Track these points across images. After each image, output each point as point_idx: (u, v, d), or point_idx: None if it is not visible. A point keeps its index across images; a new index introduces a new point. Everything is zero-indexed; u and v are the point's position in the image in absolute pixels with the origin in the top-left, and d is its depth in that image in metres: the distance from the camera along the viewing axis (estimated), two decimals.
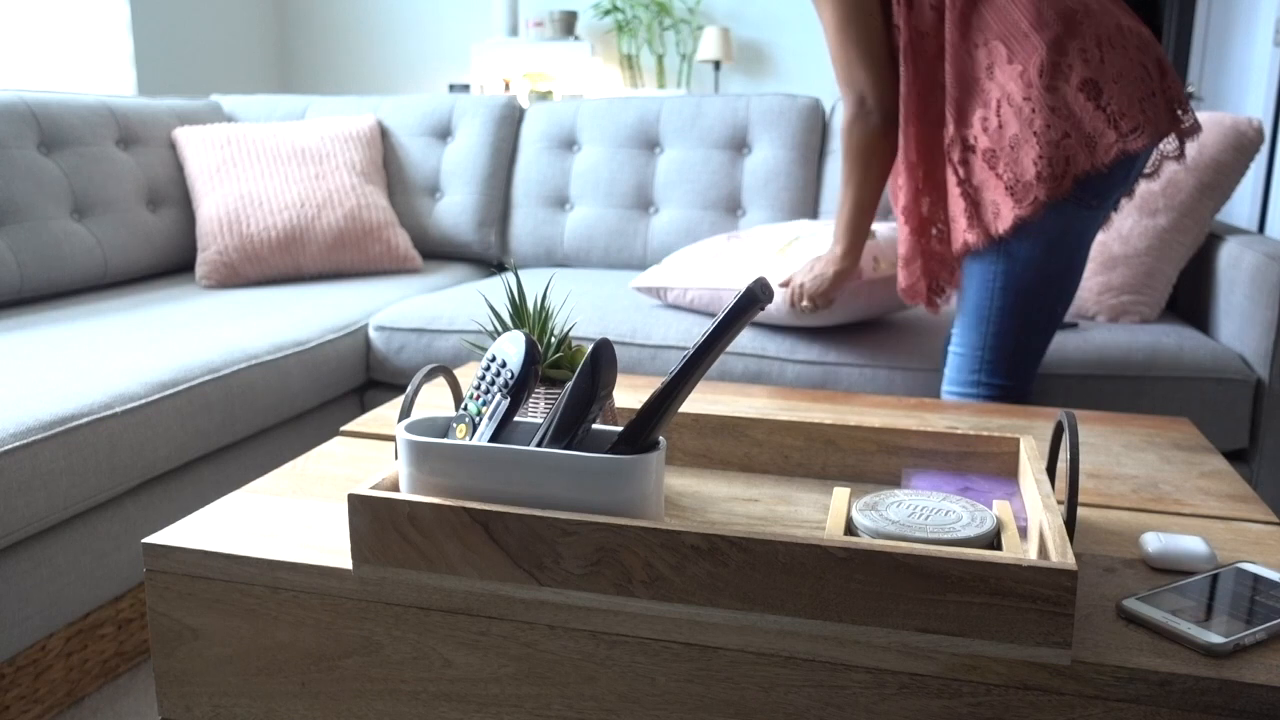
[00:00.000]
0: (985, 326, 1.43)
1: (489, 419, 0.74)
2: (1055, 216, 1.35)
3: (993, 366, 1.44)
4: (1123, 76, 1.32)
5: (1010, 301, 1.40)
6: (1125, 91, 1.32)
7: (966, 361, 1.47)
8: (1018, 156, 1.34)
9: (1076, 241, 1.39)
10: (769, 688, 0.69)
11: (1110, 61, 1.32)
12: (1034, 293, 1.40)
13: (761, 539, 0.66)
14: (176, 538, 0.81)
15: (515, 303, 0.91)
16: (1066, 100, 1.32)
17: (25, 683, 1.32)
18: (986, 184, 1.37)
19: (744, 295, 0.67)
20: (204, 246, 2.23)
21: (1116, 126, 1.31)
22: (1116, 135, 1.31)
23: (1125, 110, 1.31)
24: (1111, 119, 1.31)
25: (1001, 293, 1.40)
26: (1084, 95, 1.32)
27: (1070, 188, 1.33)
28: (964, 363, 1.47)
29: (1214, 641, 0.65)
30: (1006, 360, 1.44)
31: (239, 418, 1.63)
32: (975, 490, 0.88)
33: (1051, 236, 1.37)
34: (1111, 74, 1.32)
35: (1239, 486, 0.99)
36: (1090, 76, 1.31)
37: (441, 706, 0.76)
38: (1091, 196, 1.36)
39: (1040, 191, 1.33)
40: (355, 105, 2.65)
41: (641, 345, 1.85)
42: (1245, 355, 1.76)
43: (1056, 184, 1.33)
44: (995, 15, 1.34)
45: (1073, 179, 1.33)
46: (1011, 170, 1.34)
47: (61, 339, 1.68)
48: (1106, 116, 1.31)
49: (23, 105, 2.09)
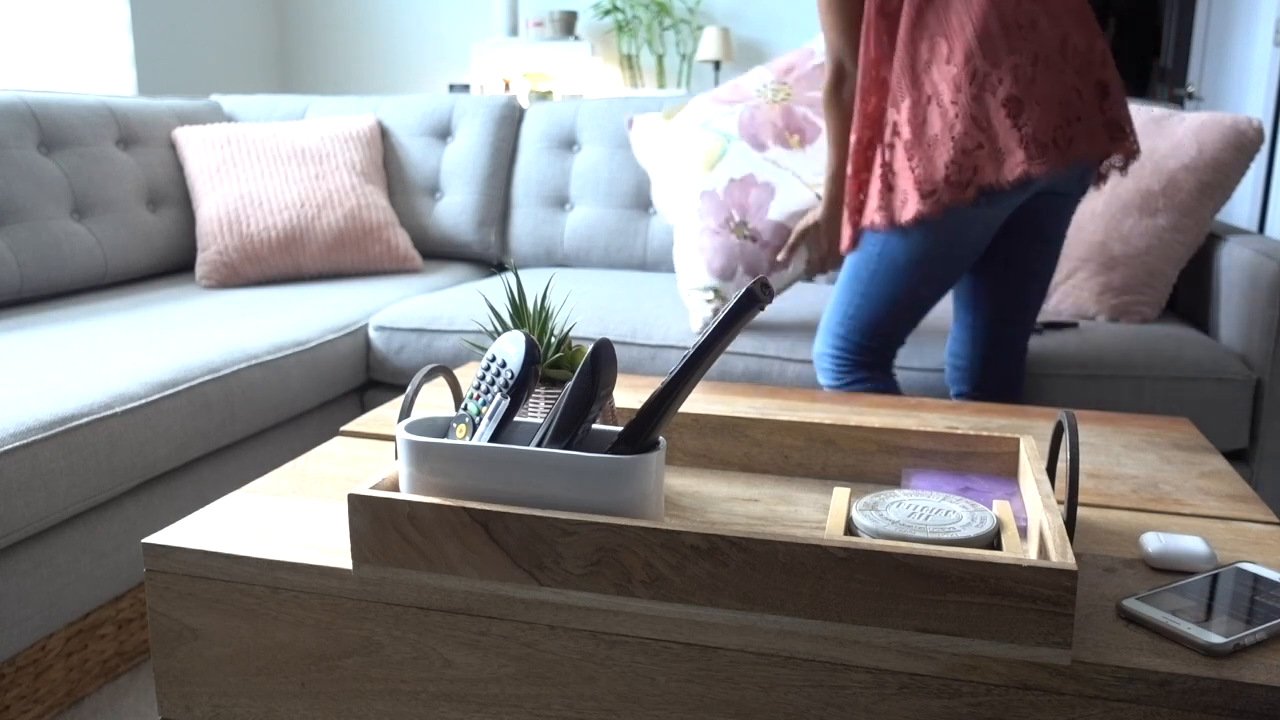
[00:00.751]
0: (858, 286, 1.52)
1: (489, 419, 0.74)
2: (955, 217, 1.41)
3: (858, 324, 1.53)
4: (1048, 100, 1.35)
5: (888, 277, 1.48)
6: (1046, 116, 1.35)
7: (834, 313, 1.56)
8: (932, 155, 1.38)
9: (968, 240, 1.45)
10: (769, 688, 0.69)
11: (1041, 82, 1.35)
12: (912, 277, 1.47)
13: (761, 539, 0.66)
14: (176, 538, 0.81)
15: (515, 303, 0.91)
16: (989, 112, 1.36)
17: (25, 683, 1.32)
18: (901, 173, 1.42)
19: (744, 295, 0.67)
20: (204, 246, 2.23)
21: (1026, 149, 1.35)
22: (1024, 157, 1.35)
23: (1038, 135, 1.35)
24: (1024, 140, 1.35)
25: (884, 268, 1.48)
26: (1005, 111, 1.35)
27: (973, 196, 1.38)
28: (832, 313, 1.56)
29: (1214, 641, 0.65)
30: (868, 324, 1.52)
31: (239, 418, 1.63)
32: (975, 490, 0.88)
33: (946, 234, 1.43)
34: (1037, 95, 1.35)
35: (1239, 486, 0.99)
36: (1016, 94, 1.35)
37: (441, 706, 0.76)
38: (993, 204, 1.40)
39: (945, 194, 1.38)
40: (355, 105, 2.65)
41: (641, 345, 1.85)
42: (1245, 355, 1.76)
43: (961, 190, 1.38)
44: (946, 13, 1.38)
45: (976, 188, 1.38)
46: (924, 167, 1.39)
47: (61, 339, 1.68)
48: (1020, 137, 1.35)
49: (23, 105, 2.09)
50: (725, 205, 1.80)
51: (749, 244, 1.78)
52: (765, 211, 1.78)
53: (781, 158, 1.79)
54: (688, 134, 1.86)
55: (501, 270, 2.63)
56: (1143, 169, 1.93)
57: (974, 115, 1.36)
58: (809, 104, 1.83)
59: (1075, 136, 1.37)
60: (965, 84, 1.35)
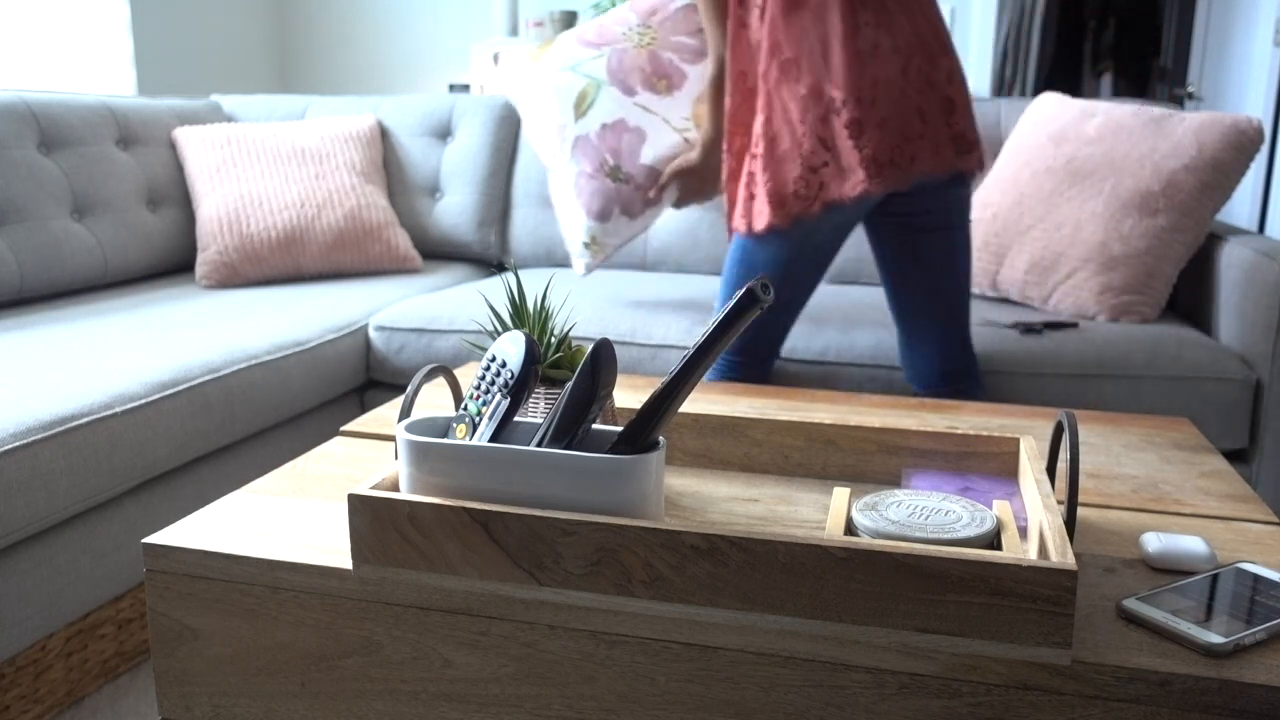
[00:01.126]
0: (728, 289, 1.60)
1: (489, 419, 0.74)
2: (804, 226, 1.50)
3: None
4: (887, 122, 1.45)
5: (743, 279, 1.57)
6: (885, 137, 1.45)
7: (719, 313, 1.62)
8: (782, 170, 1.48)
9: (818, 244, 1.53)
10: (769, 688, 0.69)
11: (881, 105, 1.44)
12: (779, 282, 1.55)
13: (761, 539, 0.66)
14: (176, 538, 0.81)
15: (515, 303, 0.91)
16: (833, 133, 1.45)
17: (25, 683, 1.32)
18: (760, 184, 1.51)
19: (744, 295, 0.67)
20: (204, 246, 2.23)
21: (866, 168, 1.44)
22: (865, 176, 1.45)
23: (877, 155, 1.45)
24: (864, 161, 1.44)
25: (746, 271, 1.57)
26: (848, 133, 1.44)
27: (819, 210, 1.47)
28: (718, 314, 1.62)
29: (1214, 641, 0.65)
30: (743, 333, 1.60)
31: (239, 418, 1.63)
32: (975, 490, 0.88)
33: (798, 241, 1.51)
34: (877, 118, 1.44)
35: (1239, 486, 0.99)
36: (857, 117, 1.44)
37: (441, 706, 0.76)
38: (841, 215, 1.50)
39: (794, 207, 1.48)
40: (355, 105, 2.65)
41: (641, 345, 1.85)
42: (1245, 355, 1.76)
43: (808, 204, 1.47)
44: (798, 37, 1.46)
45: (822, 203, 1.47)
46: (774, 181, 1.48)
47: (61, 339, 1.68)
48: (861, 158, 1.44)
49: (23, 105, 2.09)
50: (599, 149, 1.86)
51: (624, 187, 1.86)
52: (637, 156, 1.85)
53: (651, 103, 1.86)
54: (558, 77, 1.91)
55: (501, 270, 2.63)
56: (1143, 169, 1.93)
57: (820, 135, 1.46)
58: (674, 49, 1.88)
59: (918, 154, 1.47)
60: (812, 105, 1.45)
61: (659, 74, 1.86)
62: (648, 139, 1.84)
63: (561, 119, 1.88)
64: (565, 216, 1.91)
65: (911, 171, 1.47)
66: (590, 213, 1.88)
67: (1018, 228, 2.02)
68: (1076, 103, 2.11)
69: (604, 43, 1.90)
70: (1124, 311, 1.90)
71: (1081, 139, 2.02)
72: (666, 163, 1.86)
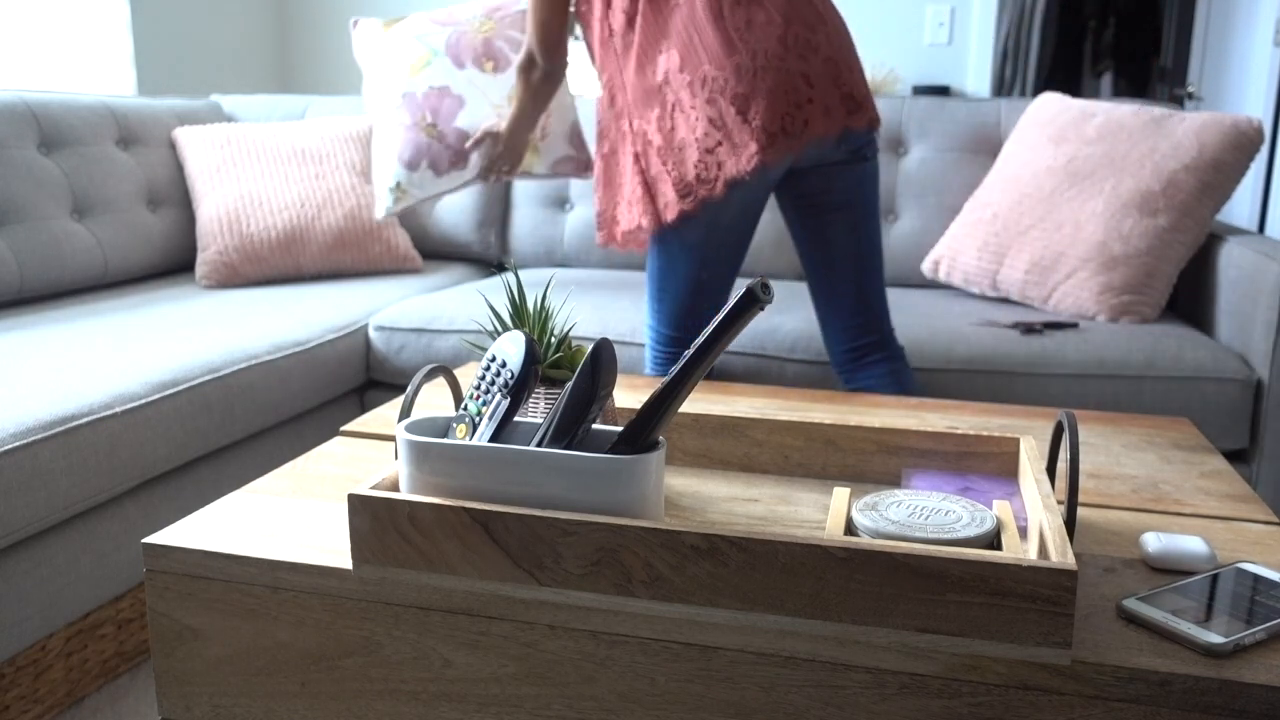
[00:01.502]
0: (651, 287, 1.65)
1: (489, 419, 0.74)
2: (715, 208, 1.53)
3: (662, 317, 1.64)
4: (772, 91, 1.48)
5: (670, 271, 1.60)
6: (772, 106, 1.48)
7: (648, 306, 1.67)
8: (683, 158, 1.51)
9: (728, 224, 1.56)
10: (769, 688, 0.69)
11: (763, 76, 1.47)
12: (690, 266, 1.59)
13: (761, 539, 0.66)
14: (176, 538, 0.81)
15: (515, 303, 0.91)
16: (721, 112, 1.48)
17: (25, 683, 1.32)
18: (660, 177, 1.54)
19: (744, 295, 0.67)
20: (204, 246, 2.23)
21: (758, 139, 1.48)
22: (757, 148, 1.48)
23: (767, 125, 1.48)
24: (755, 133, 1.48)
25: (664, 264, 1.61)
26: (735, 109, 1.48)
27: (722, 190, 1.50)
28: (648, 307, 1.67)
29: (1214, 641, 0.65)
30: (675, 314, 1.63)
31: (239, 418, 1.63)
32: (975, 490, 0.88)
33: (707, 223, 1.55)
34: (762, 90, 1.47)
35: (1239, 486, 0.99)
36: (741, 91, 1.47)
37: (441, 706, 0.76)
38: (744, 193, 1.53)
39: (700, 190, 1.51)
40: (355, 105, 2.65)
41: (641, 345, 1.85)
42: (1245, 355, 1.76)
43: (710, 186, 1.51)
44: (668, 29, 1.51)
45: (724, 182, 1.50)
46: (678, 169, 1.52)
47: (61, 339, 1.68)
48: (751, 130, 1.48)
49: (23, 105, 2.09)
50: (421, 106, 2.12)
51: (435, 143, 2.10)
52: (453, 118, 2.10)
53: (475, 78, 2.13)
54: (401, 43, 2.17)
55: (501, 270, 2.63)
56: (1143, 169, 1.93)
57: (710, 117, 1.49)
58: (506, 40, 2.14)
59: (809, 118, 1.50)
60: (699, 89, 1.49)
61: (488, 56, 2.12)
62: (465, 106, 2.09)
63: (395, 77, 2.13)
64: (380, 163, 2.13)
65: (804, 137, 1.50)
66: (401, 160, 2.11)
67: (1018, 228, 2.02)
68: (1076, 103, 2.11)
69: (449, 23, 2.16)
70: (1124, 311, 1.90)
71: (1081, 139, 2.02)
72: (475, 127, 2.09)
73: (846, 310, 1.65)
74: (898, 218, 2.34)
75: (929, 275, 2.18)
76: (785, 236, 2.37)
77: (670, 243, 1.59)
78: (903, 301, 2.08)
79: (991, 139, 2.30)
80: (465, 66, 2.13)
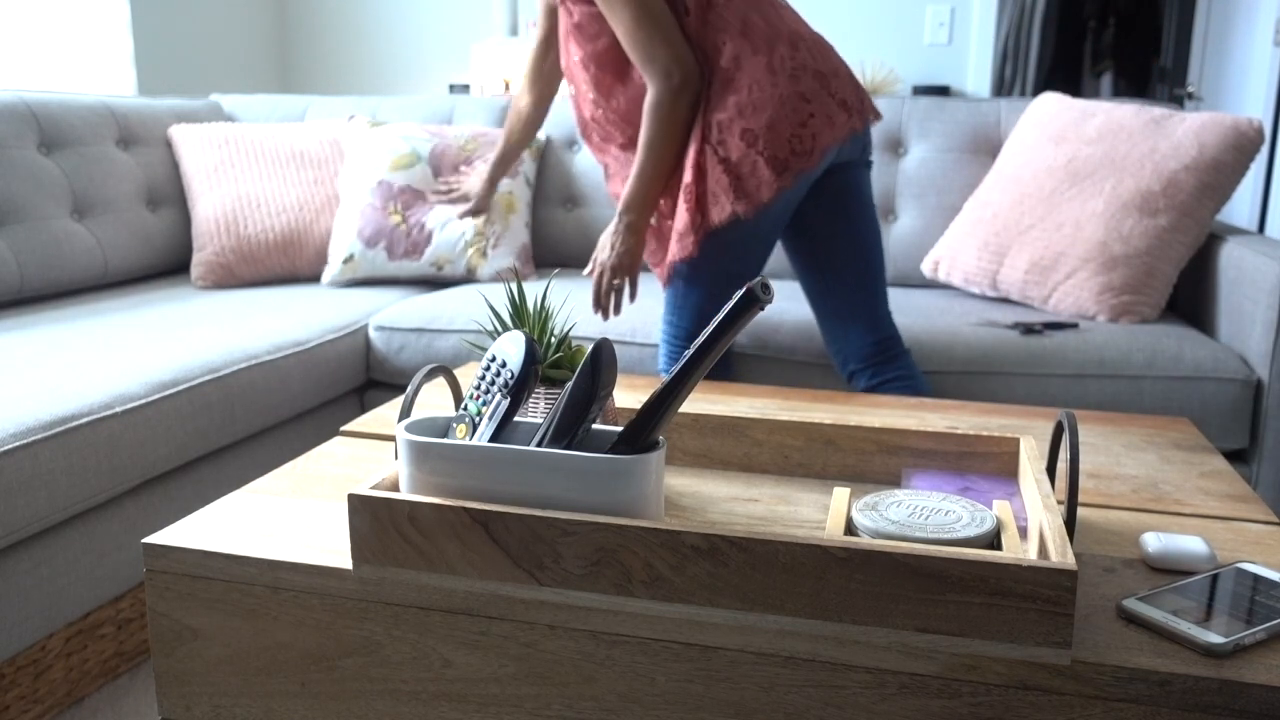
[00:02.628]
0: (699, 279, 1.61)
1: (489, 419, 0.74)
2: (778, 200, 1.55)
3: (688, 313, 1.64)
4: (838, 73, 1.58)
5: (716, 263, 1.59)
6: (842, 81, 1.58)
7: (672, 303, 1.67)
8: (776, 135, 1.52)
9: (782, 214, 1.59)
10: (769, 688, 0.69)
11: (821, 57, 1.57)
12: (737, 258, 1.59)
13: (761, 539, 0.66)
14: (176, 538, 0.81)
15: (515, 303, 0.91)
16: (804, 88, 1.53)
17: (25, 683, 1.32)
18: (745, 161, 1.53)
19: (744, 295, 0.67)
20: (200, 247, 2.23)
21: (847, 109, 1.56)
22: (846, 116, 1.56)
23: (847, 98, 1.57)
24: (841, 103, 1.56)
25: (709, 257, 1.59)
26: (818, 84, 1.54)
27: (817, 160, 1.54)
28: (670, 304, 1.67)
29: (1214, 641, 0.65)
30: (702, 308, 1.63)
31: (239, 418, 1.63)
32: (975, 490, 0.88)
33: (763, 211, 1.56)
34: (830, 69, 1.57)
35: (1239, 486, 0.99)
36: (819, 69, 1.55)
37: (441, 706, 0.76)
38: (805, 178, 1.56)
39: (795, 164, 1.53)
40: (355, 105, 2.65)
41: (641, 345, 1.85)
42: (1245, 355, 1.76)
43: (807, 158, 1.54)
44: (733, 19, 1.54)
45: (820, 152, 1.54)
46: (772, 147, 1.52)
47: (61, 339, 1.68)
48: (837, 102, 1.55)
49: (23, 105, 2.09)
50: (394, 196, 2.28)
51: (397, 229, 2.26)
52: (420, 214, 2.28)
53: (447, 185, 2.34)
54: (388, 140, 2.36)
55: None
56: (1143, 169, 1.93)
57: (797, 91, 1.53)
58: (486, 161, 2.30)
59: (863, 97, 1.62)
60: (779, 69, 1.53)
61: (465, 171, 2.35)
62: (434, 207, 2.29)
63: (376, 166, 2.31)
64: (339, 233, 2.26)
65: (864, 113, 1.59)
66: (361, 235, 2.24)
67: (1018, 227, 2.02)
68: (1077, 103, 2.11)
69: (436, 135, 2.38)
70: (1124, 311, 1.90)
71: (1082, 139, 2.02)
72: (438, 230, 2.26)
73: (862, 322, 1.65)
74: (898, 218, 2.34)
75: (929, 275, 2.18)
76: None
77: (747, 231, 1.57)
78: (903, 302, 2.08)
79: (991, 139, 2.30)
80: (440, 175, 2.33)
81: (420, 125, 2.42)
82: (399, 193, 2.28)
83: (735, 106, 1.52)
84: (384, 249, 2.24)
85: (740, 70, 1.52)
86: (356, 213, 2.26)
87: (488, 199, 2.24)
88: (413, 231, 2.25)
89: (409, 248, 2.25)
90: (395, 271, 2.26)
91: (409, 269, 2.26)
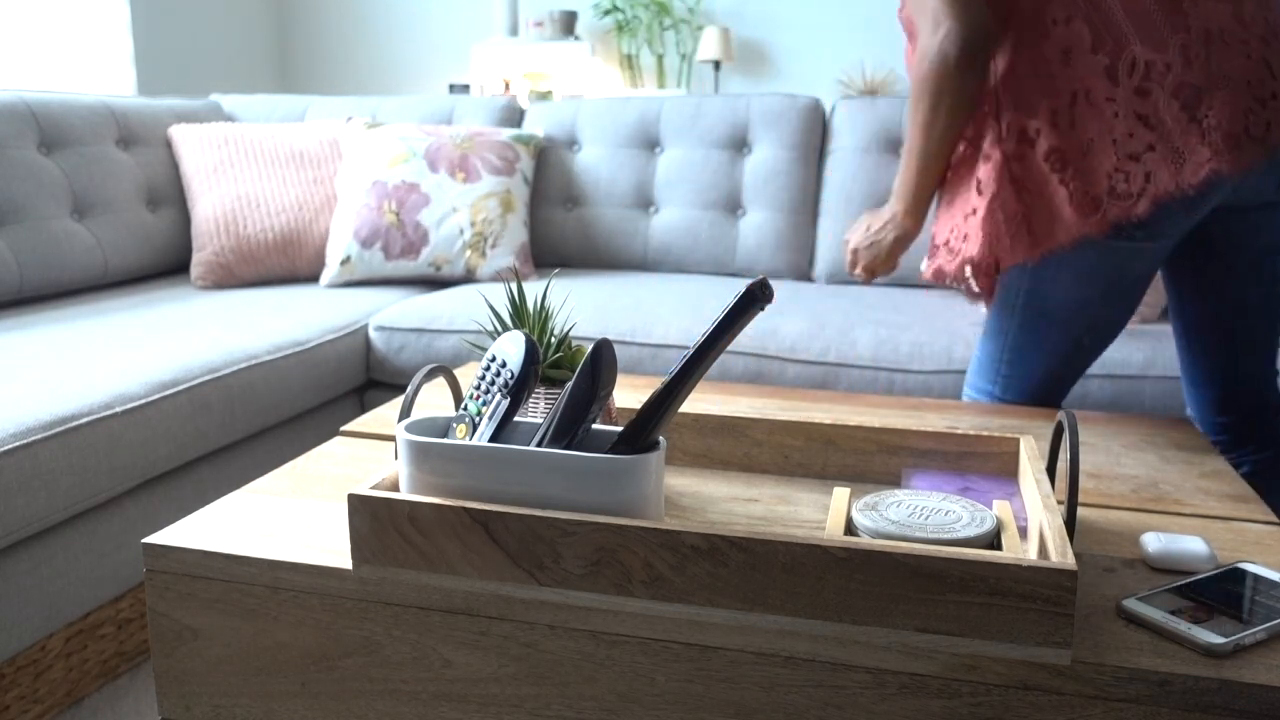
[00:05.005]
0: (1003, 340, 1.28)
1: (489, 419, 0.74)
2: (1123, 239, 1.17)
3: (1011, 386, 1.30)
4: (1231, 81, 1.12)
5: (1039, 325, 1.24)
6: (1233, 100, 1.11)
7: (984, 370, 1.33)
8: (1089, 164, 1.15)
9: (1136, 271, 1.20)
10: (769, 688, 0.69)
11: (1218, 61, 1.11)
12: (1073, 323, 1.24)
13: (761, 539, 0.66)
14: (176, 538, 0.81)
15: (515, 303, 0.91)
16: (1157, 106, 1.12)
17: (25, 683, 1.32)
18: (1042, 189, 1.18)
19: (744, 295, 0.67)
20: (199, 247, 2.23)
21: (1211, 144, 1.11)
22: (1210, 154, 1.11)
23: (1226, 125, 1.11)
24: (1206, 133, 1.11)
25: (1033, 315, 1.24)
26: (1179, 103, 1.12)
27: (1146, 210, 1.14)
28: (982, 369, 1.34)
29: (1214, 641, 0.65)
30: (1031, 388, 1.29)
31: (239, 418, 1.63)
32: (975, 490, 0.88)
33: (1112, 262, 1.18)
34: (1217, 78, 1.12)
35: (1239, 486, 0.99)
36: (1190, 81, 1.11)
37: (441, 706, 0.76)
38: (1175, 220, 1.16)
39: (1111, 209, 1.15)
40: (355, 106, 2.65)
41: (641, 345, 1.85)
42: None
43: (1130, 203, 1.14)
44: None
45: (1151, 200, 1.13)
46: (1079, 179, 1.15)
47: (61, 339, 1.68)
48: (1202, 130, 1.11)
49: (23, 105, 2.09)
50: (389, 194, 2.27)
51: (393, 229, 2.24)
52: (416, 212, 2.26)
53: (445, 183, 2.30)
54: (384, 140, 2.36)
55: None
56: None
57: (1139, 112, 1.13)
58: (481, 159, 2.34)
59: (1272, 120, 1.12)
60: (1123, 75, 1.13)
61: (461, 168, 2.32)
62: (429, 205, 2.27)
63: (372, 166, 2.31)
64: (336, 234, 2.26)
65: (1267, 144, 1.13)
66: (357, 236, 2.24)
67: None
68: None
69: (432, 135, 2.36)
70: None
71: None
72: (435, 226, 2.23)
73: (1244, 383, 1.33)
74: None
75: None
76: (784, 234, 2.37)
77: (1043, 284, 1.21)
78: (903, 301, 2.08)
79: None
80: (438, 171, 2.31)
81: (417, 125, 2.42)
82: (394, 190, 2.27)
83: (1047, 115, 1.16)
84: (380, 249, 2.23)
85: (1067, 68, 1.15)
86: (352, 213, 2.26)
87: None
88: (408, 230, 2.25)
89: (405, 247, 2.24)
90: (393, 272, 2.25)
91: (407, 269, 2.25)
